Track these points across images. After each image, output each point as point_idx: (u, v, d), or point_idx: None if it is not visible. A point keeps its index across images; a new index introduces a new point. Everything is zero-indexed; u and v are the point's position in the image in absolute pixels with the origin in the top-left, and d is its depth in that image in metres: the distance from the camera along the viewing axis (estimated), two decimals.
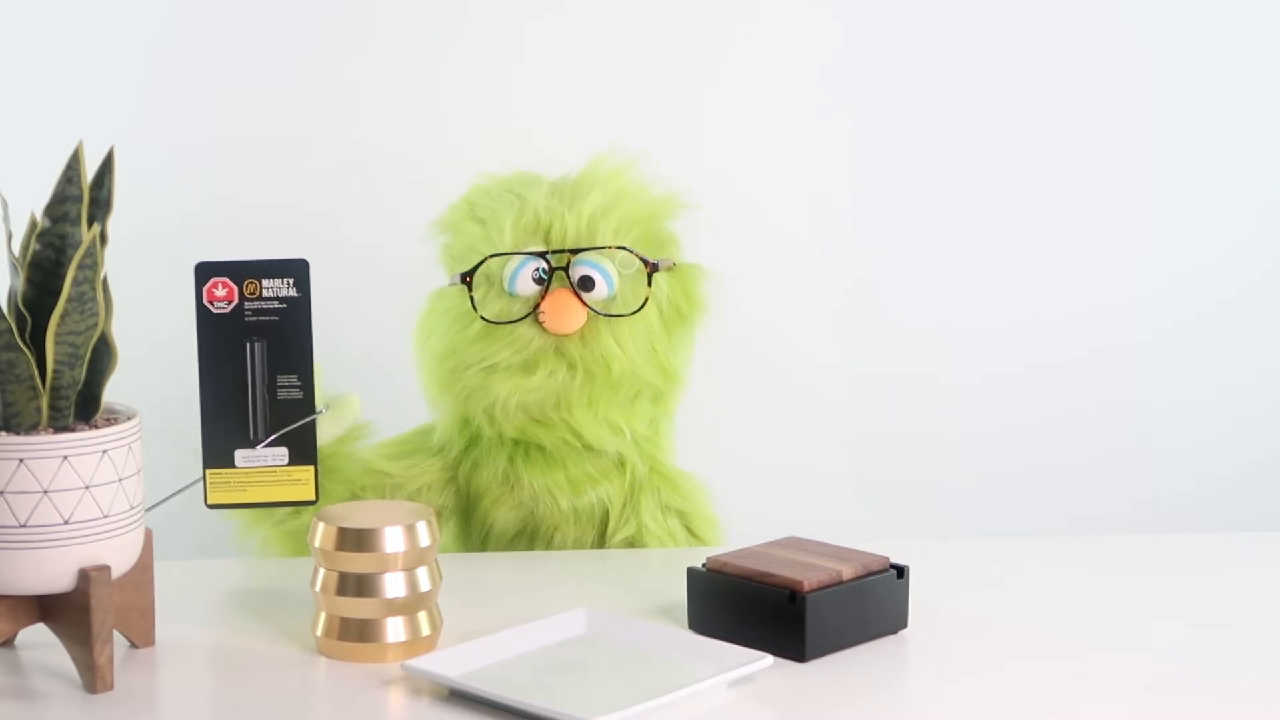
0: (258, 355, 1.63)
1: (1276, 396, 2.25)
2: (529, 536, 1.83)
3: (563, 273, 1.76)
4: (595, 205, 1.78)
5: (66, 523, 1.41)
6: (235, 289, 1.63)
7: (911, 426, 2.21)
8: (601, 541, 1.83)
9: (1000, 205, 2.19)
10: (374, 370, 1.92)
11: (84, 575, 1.42)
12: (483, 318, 1.77)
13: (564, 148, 1.87)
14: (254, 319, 1.63)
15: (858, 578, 1.53)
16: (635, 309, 1.78)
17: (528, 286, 1.77)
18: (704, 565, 1.56)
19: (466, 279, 1.78)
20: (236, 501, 1.64)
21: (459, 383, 1.78)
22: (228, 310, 1.63)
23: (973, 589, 1.68)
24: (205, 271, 1.63)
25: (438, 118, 2.13)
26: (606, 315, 1.77)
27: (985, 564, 1.77)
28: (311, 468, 1.64)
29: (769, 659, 1.45)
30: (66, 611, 1.44)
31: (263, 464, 1.64)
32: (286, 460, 1.64)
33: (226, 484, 1.64)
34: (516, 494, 1.80)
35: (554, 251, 1.77)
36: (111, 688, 1.43)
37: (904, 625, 1.56)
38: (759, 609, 1.51)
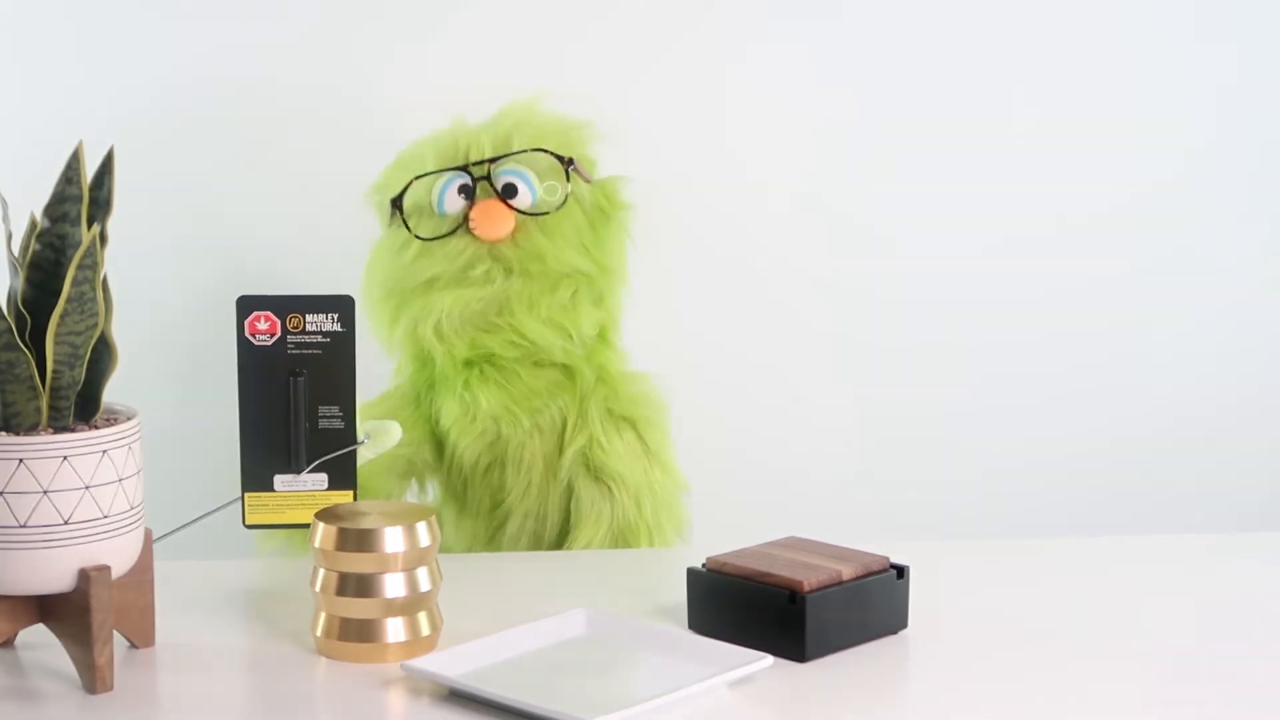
0: (300, 390, 1.64)
1: None
2: (499, 466, 1.85)
3: (486, 183, 1.83)
4: (509, 122, 1.86)
5: (66, 523, 1.41)
6: (278, 322, 1.64)
7: (911, 423, 2.20)
8: (559, 454, 1.84)
9: (1001, 203, 2.19)
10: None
11: (84, 575, 1.42)
12: (418, 236, 1.83)
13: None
14: (296, 352, 1.64)
15: (858, 578, 1.53)
16: (558, 205, 1.83)
17: (455, 203, 1.84)
18: (704, 565, 1.56)
19: (396, 203, 1.84)
20: (274, 522, 1.65)
21: (404, 310, 1.83)
22: (269, 344, 1.64)
23: (973, 589, 1.68)
24: (247, 305, 1.64)
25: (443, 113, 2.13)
26: (533, 214, 1.83)
27: (985, 564, 1.77)
28: (351, 492, 1.66)
29: (769, 659, 1.45)
30: (66, 611, 1.44)
31: (302, 489, 1.64)
32: (326, 486, 1.65)
33: (265, 506, 1.65)
34: (479, 422, 1.84)
35: (474, 164, 1.83)
36: (111, 688, 1.43)
37: (904, 625, 1.56)
38: (759, 609, 1.51)
